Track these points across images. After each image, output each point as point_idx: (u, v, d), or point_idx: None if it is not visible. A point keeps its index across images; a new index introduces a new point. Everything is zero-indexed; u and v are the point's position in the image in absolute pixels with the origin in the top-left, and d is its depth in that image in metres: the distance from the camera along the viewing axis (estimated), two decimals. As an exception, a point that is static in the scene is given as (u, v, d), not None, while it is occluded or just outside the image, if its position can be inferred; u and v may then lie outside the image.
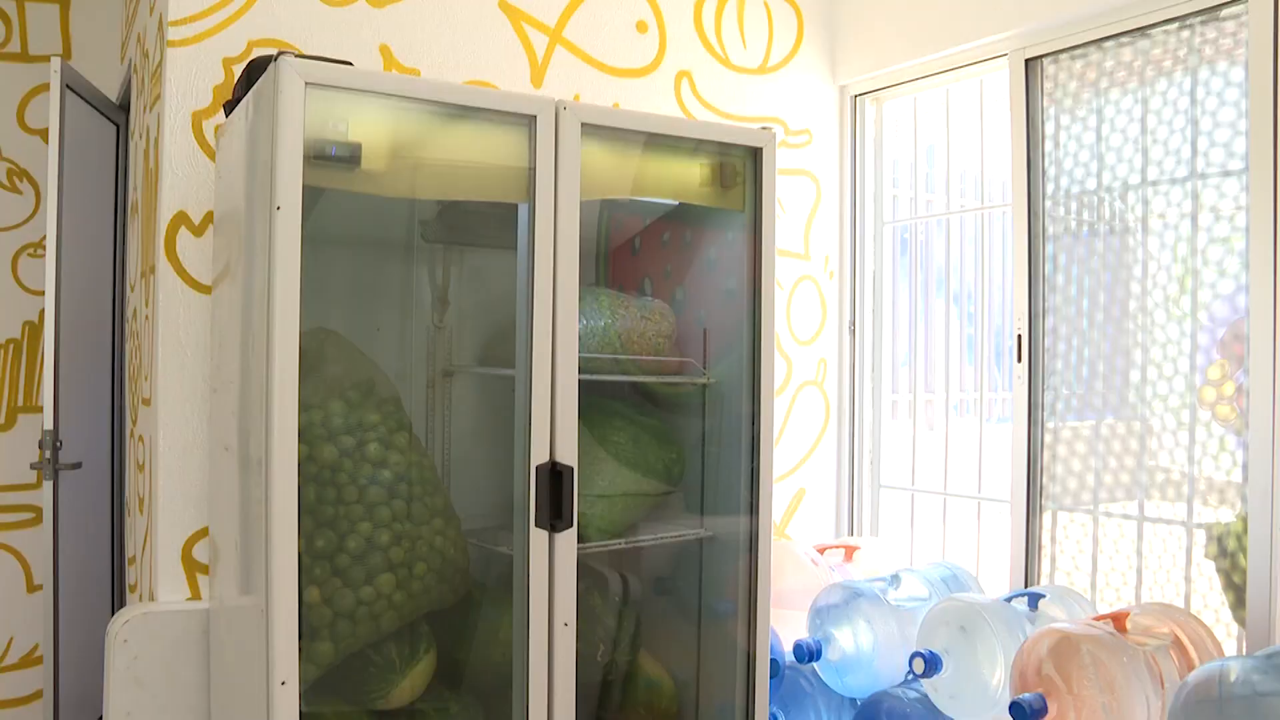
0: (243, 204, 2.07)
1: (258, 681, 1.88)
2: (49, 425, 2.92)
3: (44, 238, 3.00)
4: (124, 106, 3.48)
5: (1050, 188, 2.83)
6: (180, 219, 2.43)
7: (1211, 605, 2.46)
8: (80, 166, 3.16)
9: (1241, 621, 2.37)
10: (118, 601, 3.47)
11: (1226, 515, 2.42)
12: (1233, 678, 1.87)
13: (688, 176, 2.39)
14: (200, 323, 2.44)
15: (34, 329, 3.75)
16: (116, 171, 3.50)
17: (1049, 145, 2.84)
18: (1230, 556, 2.42)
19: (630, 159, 2.31)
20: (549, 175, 2.08)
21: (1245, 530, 2.36)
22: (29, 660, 3.71)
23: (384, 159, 2.02)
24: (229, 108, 2.27)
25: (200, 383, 2.43)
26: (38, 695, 3.65)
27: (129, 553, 3.10)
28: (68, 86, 2.96)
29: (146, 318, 2.63)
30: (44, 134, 3.62)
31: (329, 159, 1.92)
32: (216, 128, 2.43)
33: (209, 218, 2.45)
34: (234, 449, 2.13)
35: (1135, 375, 2.61)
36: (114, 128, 3.47)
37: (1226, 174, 2.44)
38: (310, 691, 2.05)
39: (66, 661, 3.06)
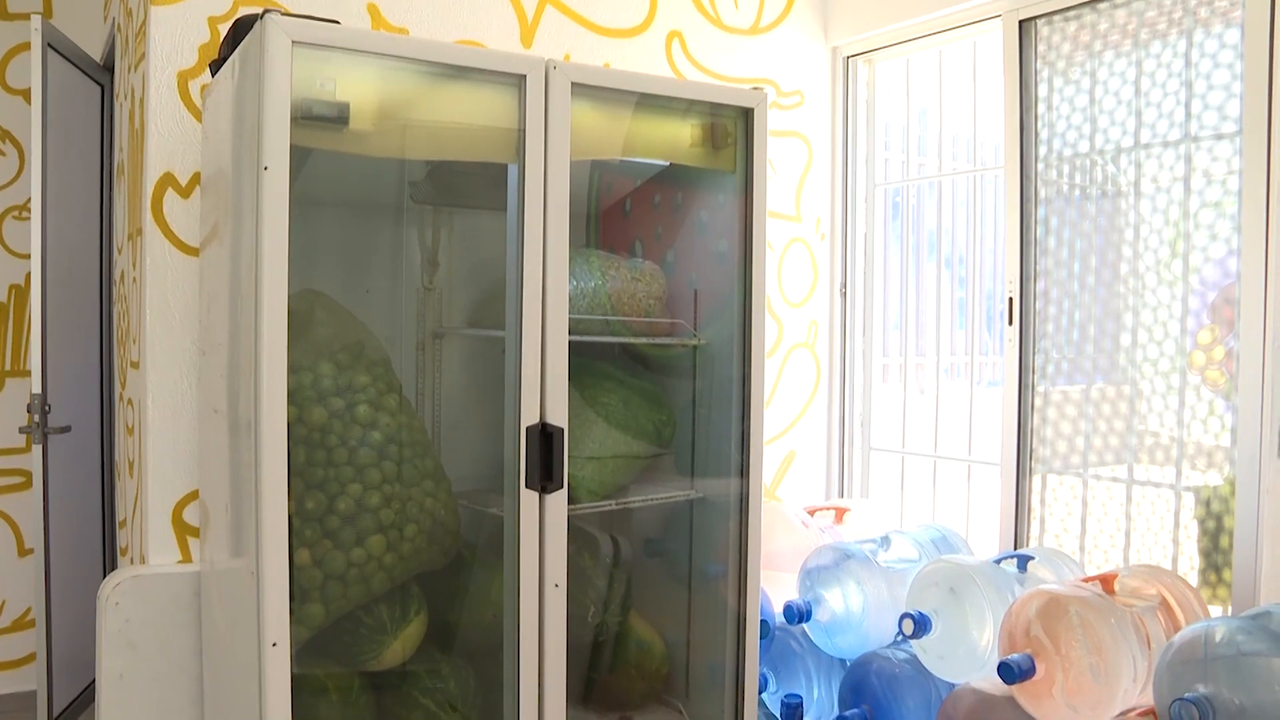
0: (230, 165, 2.05)
1: (249, 643, 1.88)
2: (37, 389, 2.91)
3: (29, 200, 2.97)
4: (108, 67, 3.44)
5: (1043, 150, 2.82)
6: (167, 180, 2.41)
7: (1197, 567, 2.48)
8: (64, 128, 3.12)
9: (1226, 583, 2.39)
10: (109, 565, 3.48)
11: (1215, 479, 2.44)
12: (1218, 638, 1.88)
13: (679, 137, 2.37)
14: (188, 285, 2.43)
15: (20, 292, 3.73)
16: (102, 133, 3.46)
17: (1041, 108, 2.83)
18: (1217, 519, 2.43)
19: (621, 119, 2.29)
20: (539, 135, 2.06)
21: (1233, 493, 2.37)
22: (21, 624, 3.72)
23: (372, 119, 2.00)
24: (215, 67, 2.24)
25: (189, 345, 2.42)
26: (31, 658, 3.67)
27: (119, 516, 3.10)
28: (49, 45, 2.92)
29: (134, 280, 2.61)
30: (26, 94, 3.59)
31: (316, 119, 1.90)
32: (202, 88, 2.41)
33: (196, 179, 2.43)
34: (223, 411, 2.13)
35: (1126, 339, 2.61)
36: (99, 88, 3.43)
37: (1219, 137, 2.43)
38: (301, 653, 2.06)
39: (59, 625, 3.07)
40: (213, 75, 2.26)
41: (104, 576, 3.23)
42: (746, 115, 2.38)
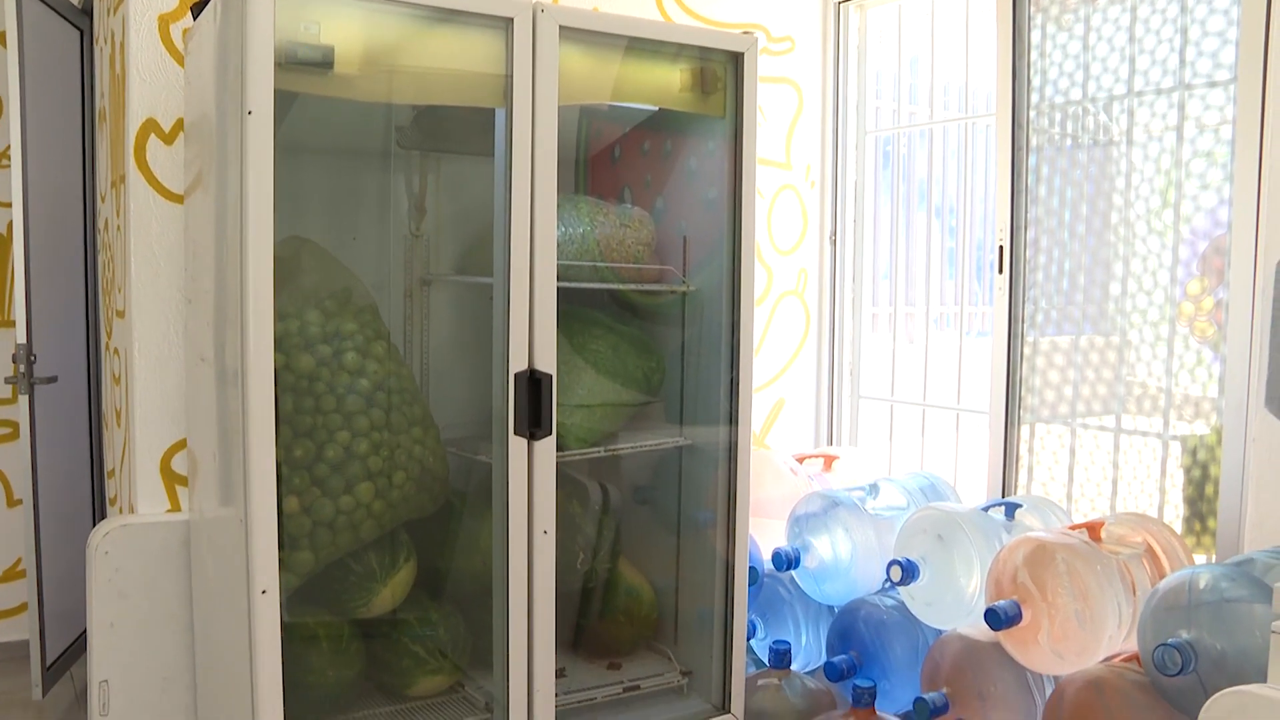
0: (213, 110, 2.02)
1: (239, 591, 1.89)
2: (22, 339, 2.89)
3: (9, 147, 2.93)
4: (87, 11, 3.38)
5: (1035, 98, 2.80)
6: (150, 126, 2.38)
7: (1183, 515, 2.50)
8: (43, 73, 3.07)
9: (1210, 531, 2.41)
10: (98, 515, 3.47)
11: (1201, 429, 2.45)
12: (1202, 585, 1.90)
13: (668, 82, 2.34)
14: (173, 233, 2.40)
15: (3, 241, 3.68)
16: (83, 78, 3.41)
17: (1034, 55, 2.80)
18: (1203, 468, 2.45)
19: (610, 64, 2.26)
20: (526, 79, 2.04)
21: (1219, 443, 2.38)
22: (12, 574, 3.73)
23: (358, 63, 1.97)
24: (196, 11, 2.20)
25: (175, 294, 2.40)
26: (22, 608, 3.67)
27: (108, 466, 3.10)
28: (26, -12, 2.86)
29: (118, 229, 2.58)
30: (2, 38, 3.52)
31: (300, 62, 1.88)
32: (184, 31, 2.37)
33: (179, 125, 2.40)
34: (210, 360, 2.11)
35: (1115, 289, 2.61)
36: (78, 33, 3.37)
37: (1213, 85, 2.41)
38: (291, 600, 2.06)
39: (50, 575, 3.07)
40: (194, 19, 2.22)
41: (93, 526, 3.23)
42: (736, 60, 2.35)
